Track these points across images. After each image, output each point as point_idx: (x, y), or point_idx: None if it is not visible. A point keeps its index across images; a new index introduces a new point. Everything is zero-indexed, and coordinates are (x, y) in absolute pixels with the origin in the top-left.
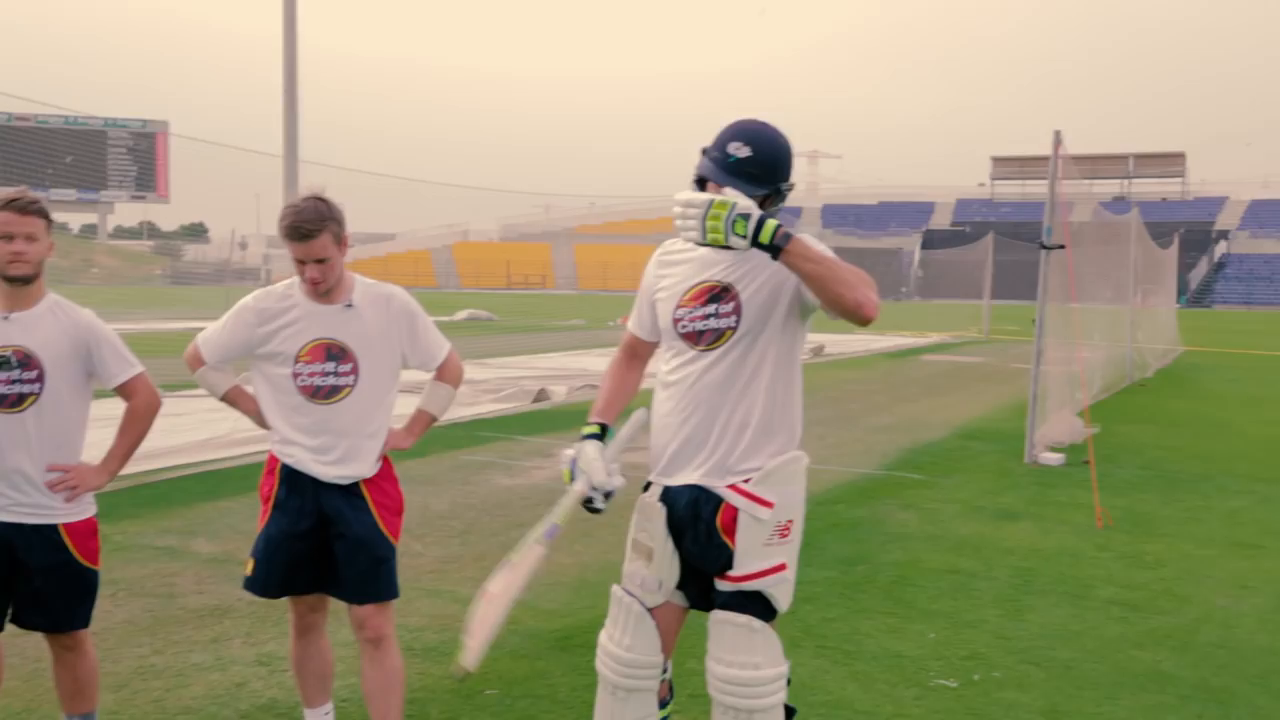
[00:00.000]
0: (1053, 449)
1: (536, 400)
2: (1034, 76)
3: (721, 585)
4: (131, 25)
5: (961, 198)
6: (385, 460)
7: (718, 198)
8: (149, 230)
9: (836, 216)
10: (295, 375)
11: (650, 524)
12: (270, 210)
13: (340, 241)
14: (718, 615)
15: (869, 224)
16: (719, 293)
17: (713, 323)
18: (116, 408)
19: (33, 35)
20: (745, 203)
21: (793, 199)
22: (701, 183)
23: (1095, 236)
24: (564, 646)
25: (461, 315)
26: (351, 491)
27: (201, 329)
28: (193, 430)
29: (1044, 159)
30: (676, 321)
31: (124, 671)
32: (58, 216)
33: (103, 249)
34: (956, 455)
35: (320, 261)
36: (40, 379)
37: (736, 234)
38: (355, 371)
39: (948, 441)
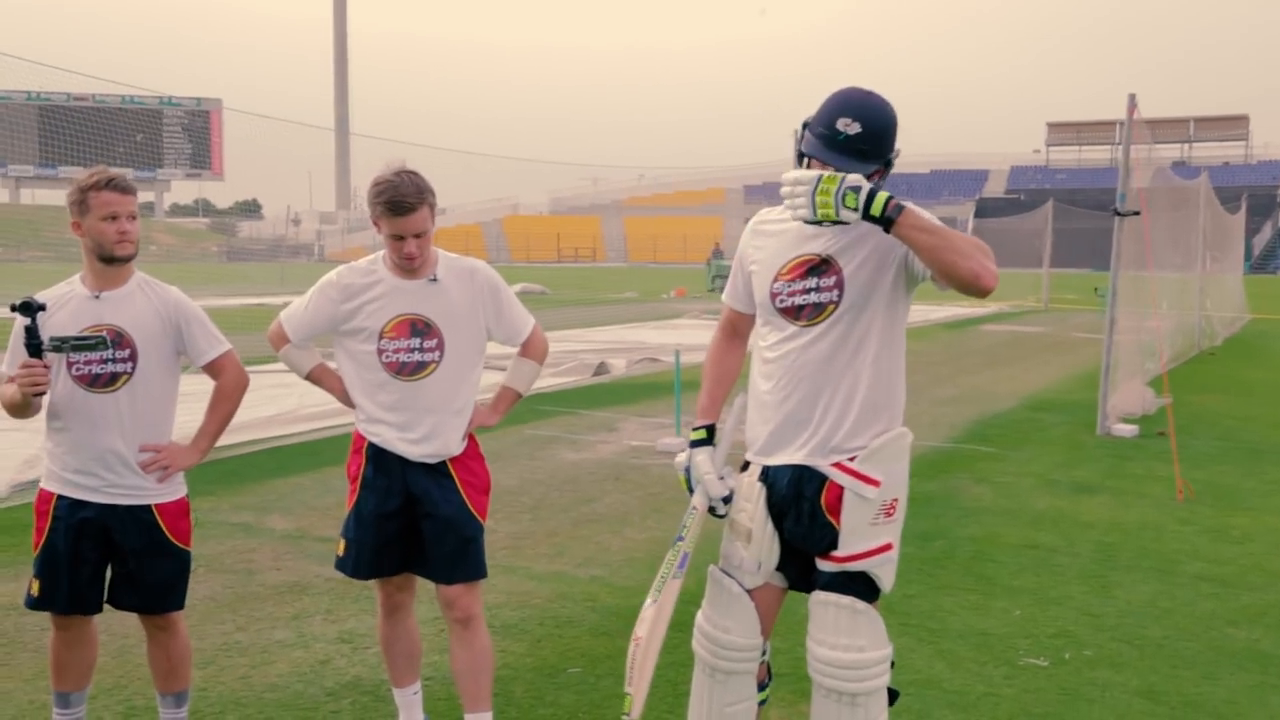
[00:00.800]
0: (1125, 420)
1: (596, 374)
2: (1088, 41)
3: (824, 566)
4: (181, 12)
5: (1016, 165)
6: (471, 438)
7: (825, 173)
8: (204, 207)
9: (889, 185)
10: (380, 351)
11: (749, 504)
12: (322, 187)
13: (433, 215)
14: (820, 596)
15: (921, 192)
16: (819, 265)
17: (813, 297)
18: (199, 384)
19: (78, 22)
20: (854, 176)
21: None
22: (801, 157)
23: (1164, 202)
24: None
25: (515, 289)
26: (439, 470)
27: (260, 304)
28: (260, 406)
29: (1100, 124)
30: (774, 296)
31: (209, 648)
32: None
33: (160, 226)
34: (1026, 427)
35: (419, 235)
36: (132, 358)
37: (848, 207)
38: (441, 347)
39: (1016, 413)
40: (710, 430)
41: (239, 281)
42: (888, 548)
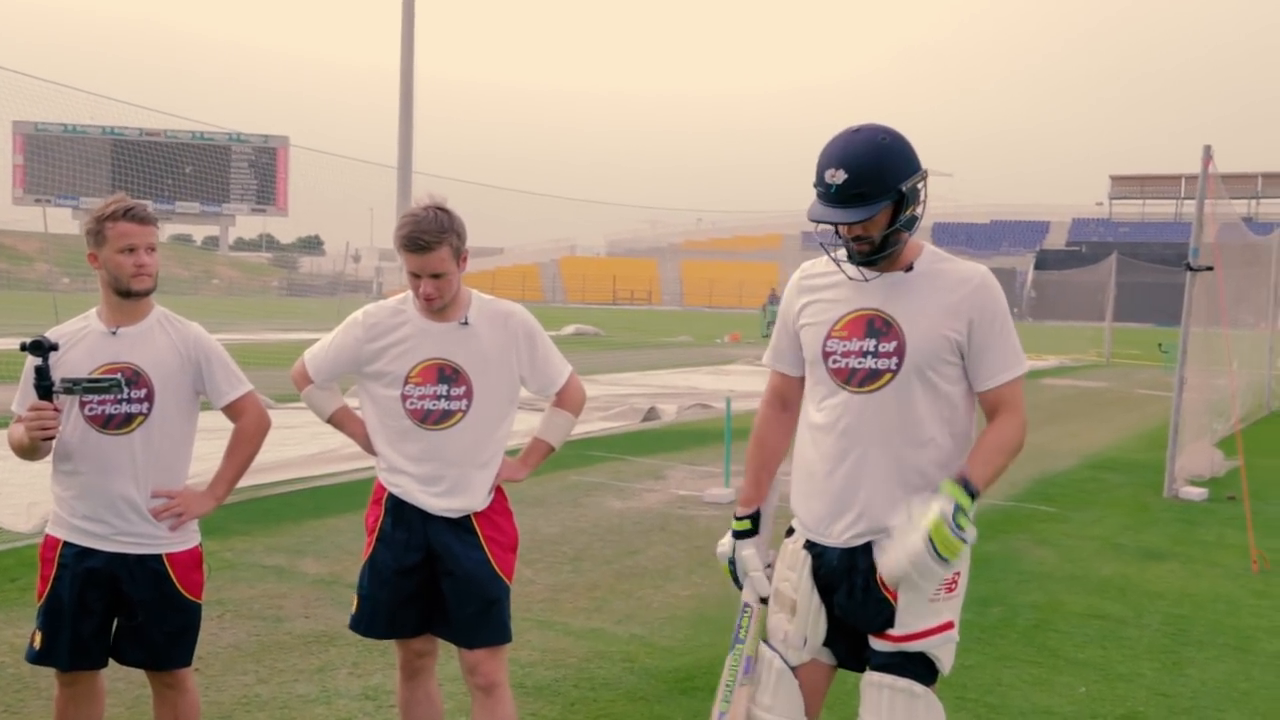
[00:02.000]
0: (1193, 482)
1: (646, 419)
2: (1149, 93)
3: (879, 645)
4: (252, 60)
5: (1078, 216)
6: (499, 492)
7: (927, 531)
8: (267, 242)
9: (947, 235)
10: (405, 398)
11: (793, 573)
12: (383, 224)
13: (459, 256)
14: (873, 678)
15: (980, 243)
16: (880, 327)
17: (870, 362)
18: (217, 419)
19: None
20: (937, 504)
21: None
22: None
23: (1236, 258)
24: (684, 689)
25: (569, 330)
26: (462, 525)
27: (317, 339)
28: (301, 445)
29: (1165, 178)
30: (827, 355)
31: (228, 701)
32: (182, 229)
33: (223, 260)
34: (1089, 487)
35: (436, 276)
36: (149, 398)
37: (963, 527)
38: (469, 395)
39: (1078, 472)
40: (755, 519)
41: (298, 316)
42: (948, 626)
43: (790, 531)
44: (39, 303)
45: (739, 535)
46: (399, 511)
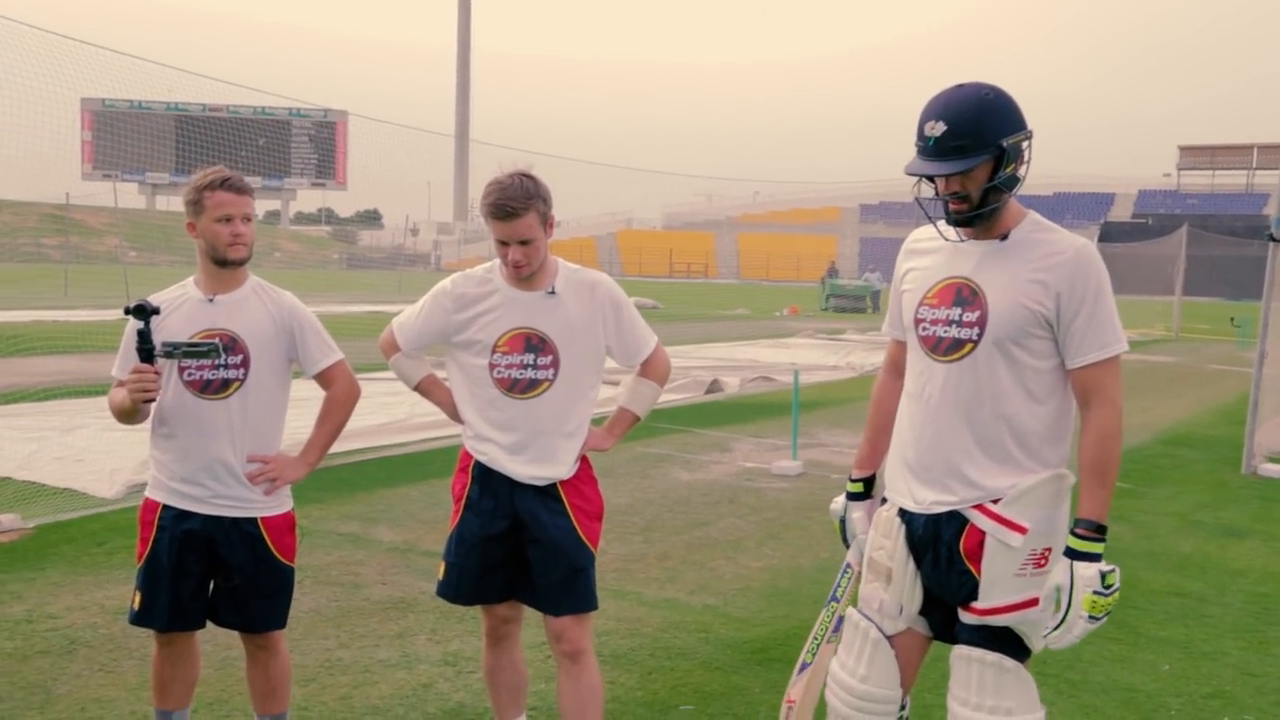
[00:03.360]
0: (1272, 459)
1: (709, 391)
2: (1220, 63)
3: (966, 618)
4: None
5: (1144, 188)
6: (585, 461)
7: (1083, 610)
8: (327, 216)
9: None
10: (492, 366)
11: (888, 540)
12: (441, 198)
13: (546, 222)
14: (963, 651)
15: (1044, 214)
16: (968, 295)
17: (954, 331)
18: (310, 389)
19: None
20: (1080, 580)
21: None
22: (929, 178)
23: None
24: (760, 660)
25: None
26: (548, 494)
27: (376, 312)
28: (371, 414)
29: (1236, 148)
30: (918, 322)
31: (312, 665)
32: None
33: (285, 234)
34: (1164, 463)
35: (524, 243)
36: (245, 365)
37: (1110, 585)
38: (555, 365)
39: (1151, 447)
40: (869, 482)
41: (358, 289)
42: (1033, 603)
43: (884, 500)
44: (108, 275)
45: (852, 497)
46: (486, 479)
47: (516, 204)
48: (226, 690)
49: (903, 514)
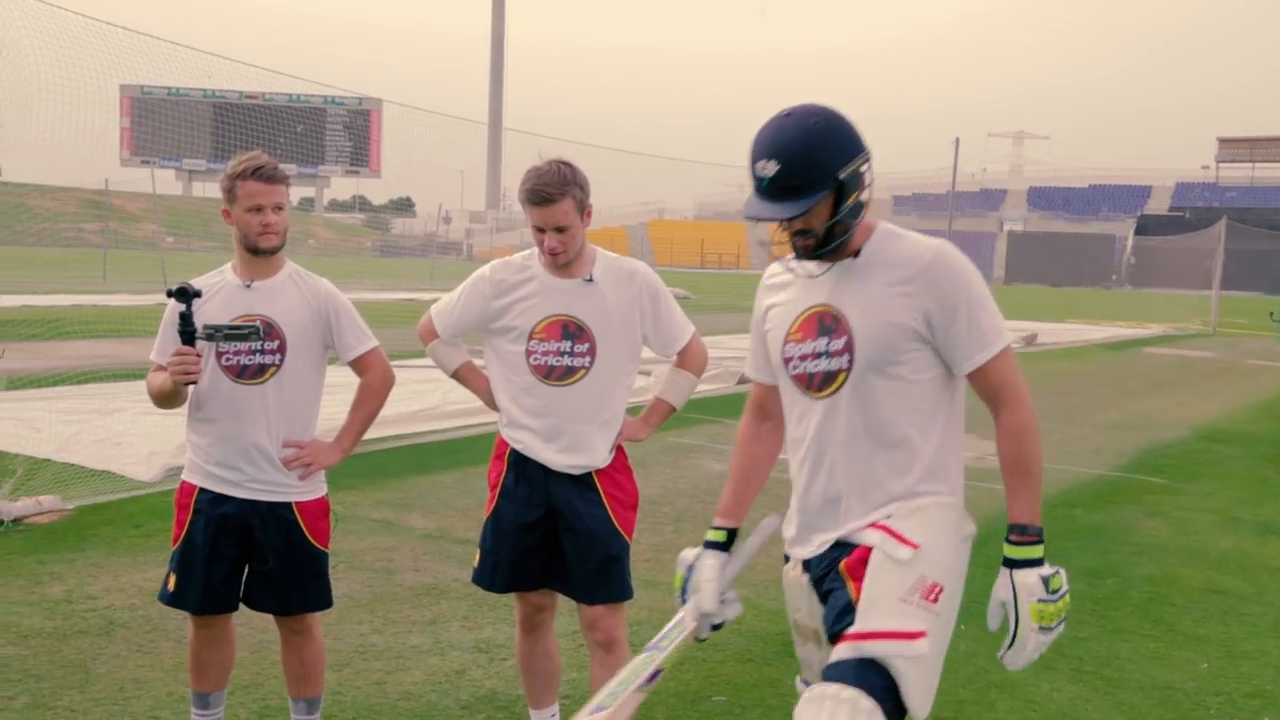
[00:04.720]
0: None
1: (741, 382)
2: (1260, 54)
3: (837, 652)
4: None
5: (1181, 181)
6: (620, 450)
7: (1030, 623)
8: (361, 204)
9: (1043, 200)
10: (529, 353)
11: (803, 600)
12: (474, 186)
13: (583, 210)
14: (814, 690)
15: (1078, 208)
16: (830, 323)
17: (824, 364)
18: (344, 376)
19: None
20: (1023, 590)
21: (996, 181)
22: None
23: None
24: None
25: None
26: (583, 482)
27: (411, 299)
28: (405, 401)
29: (1278, 140)
30: (787, 361)
31: (345, 650)
32: None
33: (319, 221)
34: (1201, 458)
35: (560, 230)
36: (281, 350)
37: (1056, 589)
38: (592, 352)
39: (1189, 443)
40: (731, 535)
41: (391, 276)
42: (920, 636)
43: (787, 559)
44: (146, 260)
45: (709, 545)
46: (521, 467)
47: (553, 190)
48: (262, 674)
49: (805, 565)
